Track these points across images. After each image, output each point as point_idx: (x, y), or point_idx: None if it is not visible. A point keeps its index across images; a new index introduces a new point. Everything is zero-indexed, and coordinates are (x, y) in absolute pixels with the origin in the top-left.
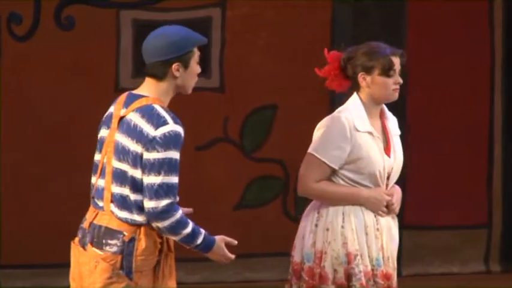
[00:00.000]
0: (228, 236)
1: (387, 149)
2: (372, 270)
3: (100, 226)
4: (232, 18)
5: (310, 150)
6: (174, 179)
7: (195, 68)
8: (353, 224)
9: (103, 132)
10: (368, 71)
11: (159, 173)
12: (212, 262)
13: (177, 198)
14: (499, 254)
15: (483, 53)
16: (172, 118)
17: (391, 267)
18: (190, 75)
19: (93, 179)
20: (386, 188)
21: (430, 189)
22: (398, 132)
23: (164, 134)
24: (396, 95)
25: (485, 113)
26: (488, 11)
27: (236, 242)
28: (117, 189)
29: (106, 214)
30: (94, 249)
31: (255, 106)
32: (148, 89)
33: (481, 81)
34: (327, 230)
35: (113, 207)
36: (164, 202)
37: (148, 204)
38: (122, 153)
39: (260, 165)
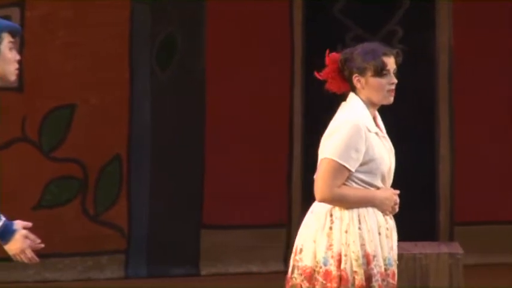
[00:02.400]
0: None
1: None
2: (385, 270)
3: None
4: (31, 18)
5: (329, 155)
6: None
7: (8, 53)
8: (368, 225)
9: None
10: (361, 72)
11: None
12: (11, 262)
13: None
14: None
15: (283, 52)
16: None
17: (395, 266)
18: (4, 62)
19: None
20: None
21: (229, 188)
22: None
23: None
24: (391, 99)
25: (285, 112)
26: (289, 10)
27: (39, 241)
28: None
29: None
30: None
31: (53, 106)
32: None
33: (281, 81)
34: (346, 232)
35: None
36: None
37: None
38: None
39: (59, 165)
